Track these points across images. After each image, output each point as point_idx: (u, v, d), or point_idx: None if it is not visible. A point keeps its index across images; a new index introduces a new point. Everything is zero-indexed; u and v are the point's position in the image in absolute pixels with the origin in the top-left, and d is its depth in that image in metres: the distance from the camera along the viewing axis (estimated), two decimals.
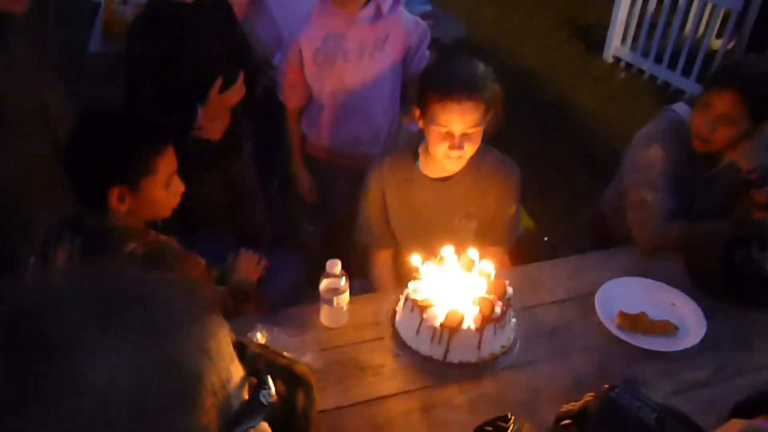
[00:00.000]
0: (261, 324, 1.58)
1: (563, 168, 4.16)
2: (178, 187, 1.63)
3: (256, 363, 1.31)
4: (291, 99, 2.44)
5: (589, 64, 5.67)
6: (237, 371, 0.62)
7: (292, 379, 1.43)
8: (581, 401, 1.27)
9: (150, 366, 0.52)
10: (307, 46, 2.21)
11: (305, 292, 2.17)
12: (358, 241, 2.07)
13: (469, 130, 1.72)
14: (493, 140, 1.93)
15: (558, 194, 3.86)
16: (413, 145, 1.95)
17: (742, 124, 1.85)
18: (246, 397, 0.61)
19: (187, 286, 0.60)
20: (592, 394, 1.25)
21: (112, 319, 0.53)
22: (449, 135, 1.73)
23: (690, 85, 4.91)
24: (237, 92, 2.19)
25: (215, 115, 2.19)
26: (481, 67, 1.75)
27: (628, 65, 5.54)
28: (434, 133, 1.76)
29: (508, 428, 1.13)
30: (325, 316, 1.67)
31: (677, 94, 4.96)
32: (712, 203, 2.07)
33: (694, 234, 1.90)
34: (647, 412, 1.16)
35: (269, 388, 0.65)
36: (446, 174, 1.90)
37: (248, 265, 2.03)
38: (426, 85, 1.75)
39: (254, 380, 0.64)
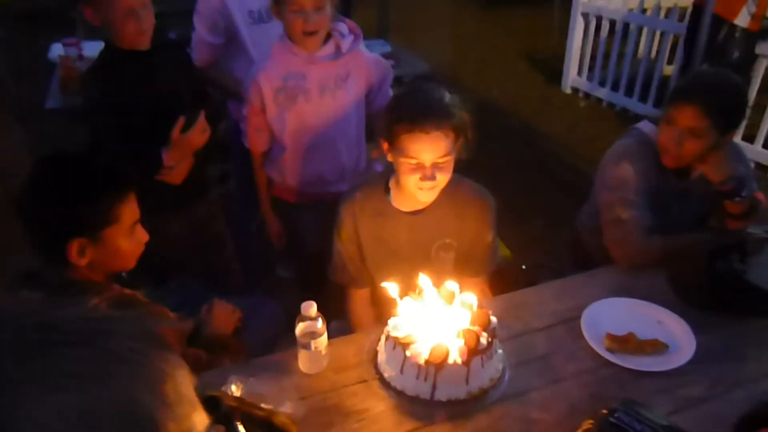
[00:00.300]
0: (235, 375, 1.48)
1: (534, 195, 4.18)
2: (142, 236, 1.55)
3: (231, 418, 1.22)
4: (256, 143, 2.39)
5: (549, 94, 5.79)
6: (200, 418, 0.55)
7: None
8: (580, 429, 1.20)
9: (98, 415, 0.46)
10: (267, 86, 2.18)
11: (283, 339, 2.08)
12: (334, 282, 2.00)
13: (440, 160, 1.69)
14: (461, 170, 1.90)
15: (532, 220, 3.86)
16: (384, 178, 1.90)
17: (708, 137, 1.86)
18: None
19: (140, 323, 0.54)
20: (591, 421, 1.18)
21: (53, 361, 0.46)
22: (420, 166, 1.69)
23: (648, 110, 5.04)
24: (199, 133, 2.13)
25: (179, 157, 2.13)
26: (447, 95, 1.72)
27: (587, 94, 5.67)
28: (404, 165, 1.72)
29: None
30: (303, 361, 1.59)
31: (637, 119, 5.04)
32: (689, 215, 2.06)
33: (675, 247, 1.88)
34: None
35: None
36: (420, 206, 1.86)
37: (222, 317, 1.94)
38: (392, 117, 1.71)
39: (222, 428, 0.57)
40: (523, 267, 2.55)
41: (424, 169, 1.68)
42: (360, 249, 1.93)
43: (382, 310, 1.85)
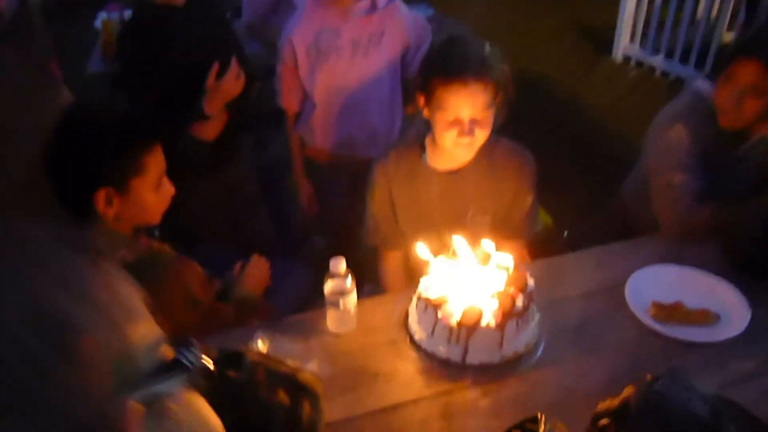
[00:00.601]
0: (262, 331, 1.45)
1: (579, 167, 4.02)
2: (168, 189, 1.52)
3: (255, 372, 1.19)
4: (290, 103, 2.35)
5: (598, 64, 5.55)
6: (148, 331, 0.56)
7: (296, 389, 1.30)
8: (620, 397, 1.12)
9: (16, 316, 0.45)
10: (299, 42, 2.12)
11: (313, 304, 2.05)
12: (367, 244, 1.95)
13: (479, 115, 1.60)
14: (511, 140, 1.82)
15: (575, 192, 3.72)
16: (420, 137, 1.83)
17: None
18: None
19: (59, 232, 0.54)
20: (632, 387, 1.10)
21: None
22: (458, 121, 1.61)
23: None
24: (234, 78, 2.07)
25: (217, 106, 2.09)
26: (488, 46, 1.63)
27: (639, 63, 5.41)
28: (441, 120, 1.64)
29: (538, 429, 0.99)
30: (331, 320, 1.54)
31: None
32: (744, 183, 1.91)
33: (728, 214, 1.75)
34: (699, 404, 1.02)
35: (195, 349, 0.58)
36: (456, 166, 1.78)
37: (254, 278, 1.92)
38: (429, 69, 1.63)
39: (174, 347, 0.54)
40: (566, 234, 2.44)
41: (462, 125, 1.60)
42: (393, 210, 1.87)
43: (414, 272, 1.79)
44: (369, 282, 2.14)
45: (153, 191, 1.46)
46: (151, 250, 1.48)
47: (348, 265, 1.56)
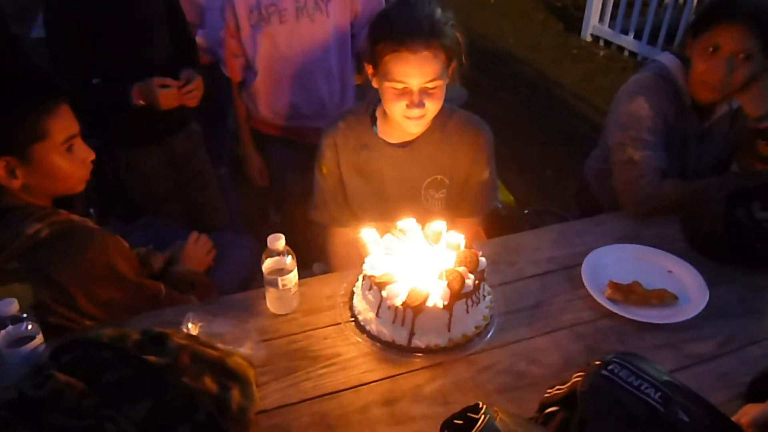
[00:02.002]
0: (193, 313, 1.34)
1: (545, 145, 3.97)
2: (85, 154, 1.40)
3: (178, 356, 1.08)
4: (234, 70, 2.22)
5: (567, 43, 5.50)
6: None
7: (224, 374, 1.19)
8: (568, 383, 1.05)
9: None
10: (240, 4, 1.99)
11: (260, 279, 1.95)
12: (313, 220, 1.84)
13: (429, 84, 1.50)
14: None
15: (541, 171, 3.67)
16: (370, 107, 1.72)
17: (755, 60, 1.62)
18: None
19: None
20: (580, 373, 1.03)
21: None
22: (406, 92, 1.51)
23: None
24: (176, 97, 2.01)
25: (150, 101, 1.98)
26: (439, 10, 1.52)
27: (608, 43, 5.37)
28: (389, 90, 1.53)
29: (478, 420, 0.91)
30: (271, 300, 1.44)
31: None
32: (708, 160, 1.86)
33: (690, 192, 1.69)
34: (649, 390, 0.95)
35: None
36: (408, 138, 1.68)
37: (195, 253, 1.81)
38: (376, 35, 1.52)
39: None
40: (526, 212, 2.37)
41: (411, 95, 1.50)
42: (342, 184, 1.77)
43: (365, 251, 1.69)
44: (320, 262, 2.04)
45: (62, 157, 1.33)
46: (68, 224, 1.35)
47: (301, 243, 1.46)
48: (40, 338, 1.23)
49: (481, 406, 0.94)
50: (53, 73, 1.42)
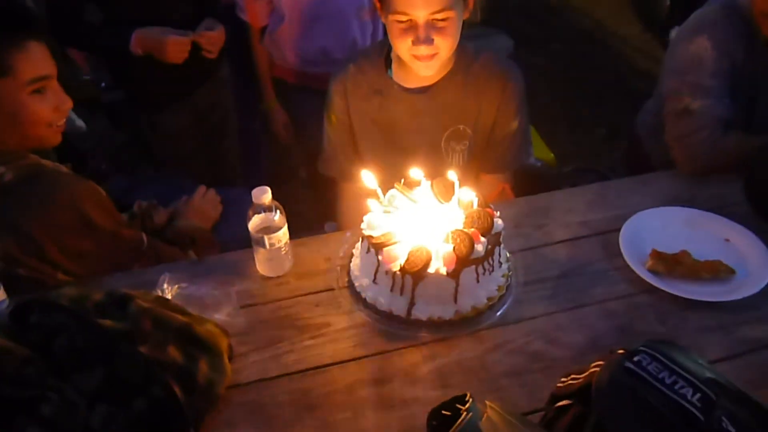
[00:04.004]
0: (170, 274, 1.21)
1: (598, 102, 3.66)
2: (59, 101, 1.26)
3: (138, 322, 0.93)
4: (255, 15, 2.03)
5: None
6: None
7: (191, 344, 1.04)
8: (585, 373, 0.86)
9: None
10: None
11: None
12: (322, 173, 1.68)
13: (437, 16, 1.29)
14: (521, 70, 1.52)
15: (591, 130, 3.37)
16: (384, 48, 1.52)
17: None
18: None
19: None
20: (600, 363, 0.83)
21: None
22: (412, 26, 1.31)
23: None
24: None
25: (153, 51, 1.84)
26: None
27: None
28: (394, 25, 1.34)
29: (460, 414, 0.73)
30: (260, 262, 1.29)
31: None
32: None
33: (757, 147, 1.43)
34: (686, 390, 0.74)
35: None
36: (426, 83, 1.48)
37: (201, 209, 1.68)
38: None
39: None
40: (566, 170, 2.13)
41: (417, 29, 1.30)
42: (353, 135, 1.59)
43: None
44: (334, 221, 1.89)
45: (29, 98, 1.20)
46: (36, 168, 1.23)
47: (329, 201, 1.28)
48: (0, 294, 1.12)
49: (467, 398, 0.76)
50: (28, 7, 1.29)
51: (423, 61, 1.36)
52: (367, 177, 1.22)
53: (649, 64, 4.00)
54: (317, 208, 2.35)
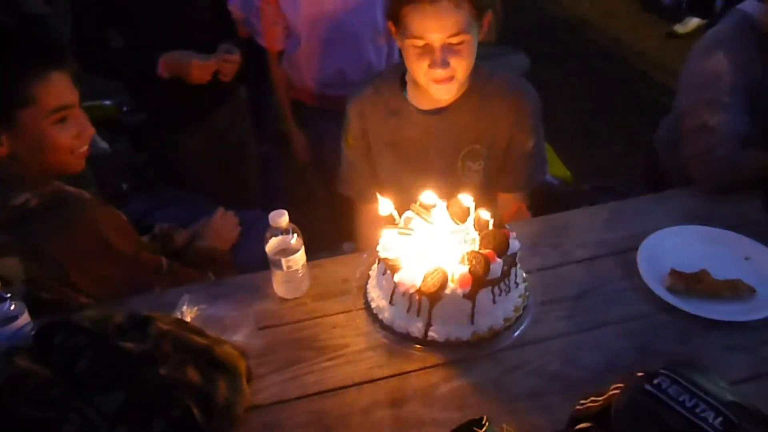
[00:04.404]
0: (190, 295, 1.23)
1: (616, 118, 3.64)
2: (81, 128, 1.29)
3: (159, 344, 0.95)
4: (272, 40, 2.07)
5: (644, 8, 5.05)
6: None
7: (210, 365, 1.06)
8: (605, 395, 0.85)
9: None
10: None
11: None
12: (341, 194, 1.69)
13: (453, 40, 1.30)
14: (537, 90, 1.54)
15: (609, 146, 3.36)
16: (399, 71, 1.54)
17: None
18: None
19: None
20: (619, 385, 0.83)
21: None
22: (428, 50, 1.32)
23: None
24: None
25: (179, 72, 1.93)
26: None
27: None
28: (410, 49, 1.35)
29: None
30: (277, 284, 1.30)
31: None
32: None
33: None
34: (707, 414, 0.73)
35: None
36: (441, 104, 1.49)
37: (220, 230, 1.70)
38: None
39: None
40: (585, 188, 2.12)
41: (433, 53, 1.31)
42: (370, 156, 1.60)
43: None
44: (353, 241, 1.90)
45: (52, 127, 1.23)
46: (60, 194, 1.25)
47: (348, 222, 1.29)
48: (25, 317, 1.15)
49: (484, 421, 0.76)
50: (53, 38, 1.33)
51: (440, 84, 1.37)
52: (384, 204, 1.23)
53: (666, 78, 3.98)
54: (335, 228, 2.37)
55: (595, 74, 4.16)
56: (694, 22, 4.49)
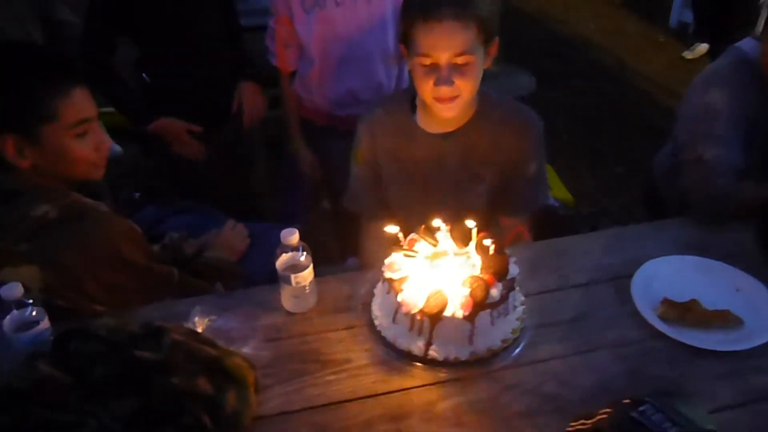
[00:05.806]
0: (201, 307, 1.28)
1: (618, 139, 3.70)
2: (99, 140, 1.35)
3: (171, 354, 1.00)
4: (285, 61, 2.13)
5: (651, 29, 5.11)
6: None
7: (220, 376, 1.12)
8: (593, 419, 0.90)
9: None
10: None
11: None
12: (348, 210, 1.74)
13: (459, 59, 1.36)
14: (542, 109, 1.59)
15: (611, 167, 3.41)
16: (409, 94, 1.60)
17: None
18: None
19: None
20: (608, 410, 0.88)
21: None
22: (434, 68, 1.38)
23: None
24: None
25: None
26: None
27: None
28: (418, 68, 1.41)
29: None
30: (285, 298, 1.36)
31: None
32: None
33: None
34: None
35: None
36: (449, 128, 1.55)
37: (230, 241, 1.76)
38: (405, 7, 1.41)
39: None
40: (585, 213, 2.17)
41: (439, 71, 1.37)
42: (378, 175, 1.66)
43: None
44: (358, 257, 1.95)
45: (74, 141, 1.29)
46: (77, 206, 1.31)
47: (345, 234, 1.35)
48: (45, 323, 1.20)
49: None
50: (69, 55, 1.39)
51: (444, 104, 1.42)
52: (391, 230, 1.28)
53: (671, 101, 4.03)
54: (339, 242, 2.42)
55: (600, 94, 4.22)
56: (702, 47, 4.55)
